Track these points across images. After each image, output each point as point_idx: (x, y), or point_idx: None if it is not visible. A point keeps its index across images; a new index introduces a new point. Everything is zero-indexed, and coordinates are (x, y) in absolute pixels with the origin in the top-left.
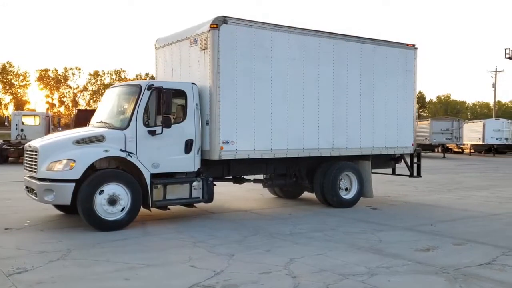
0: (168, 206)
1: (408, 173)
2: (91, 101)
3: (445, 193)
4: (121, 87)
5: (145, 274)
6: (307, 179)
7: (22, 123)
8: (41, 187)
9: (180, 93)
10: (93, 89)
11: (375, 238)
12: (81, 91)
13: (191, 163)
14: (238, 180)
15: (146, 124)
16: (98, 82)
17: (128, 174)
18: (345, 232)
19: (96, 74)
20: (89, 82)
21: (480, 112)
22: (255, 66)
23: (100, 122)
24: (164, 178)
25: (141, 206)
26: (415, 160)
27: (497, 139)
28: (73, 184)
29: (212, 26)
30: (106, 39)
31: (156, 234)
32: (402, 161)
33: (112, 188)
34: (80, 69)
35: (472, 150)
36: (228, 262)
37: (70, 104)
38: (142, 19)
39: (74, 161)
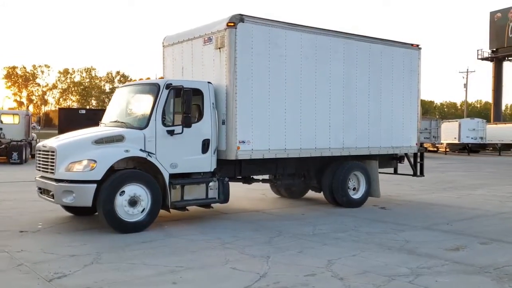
0: (186, 207)
1: (407, 172)
2: (61, 99)
3: (441, 192)
4: (136, 86)
5: (190, 277)
6: (315, 178)
7: (1, 122)
8: (60, 188)
9: (196, 92)
10: (63, 87)
11: (400, 238)
12: (50, 89)
13: (207, 163)
14: (248, 180)
15: (165, 124)
16: (68, 80)
17: (148, 174)
18: (368, 232)
19: (65, 72)
20: (59, 80)
21: (447, 112)
22: (270, 65)
23: (116, 121)
24: (181, 179)
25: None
26: (418, 159)
27: (472, 138)
28: (95, 185)
29: (229, 24)
30: (76, 36)
31: (178, 235)
32: (402, 160)
33: (132, 189)
34: (49, 66)
35: (447, 149)
36: (267, 264)
37: (39, 103)
38: (112, 16)
39: (95, 161)
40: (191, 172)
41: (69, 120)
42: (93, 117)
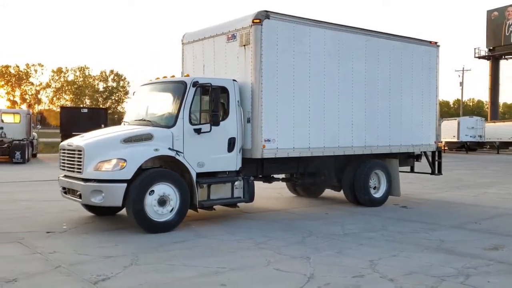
0: (213, 207)
1: (422, 170)
2: (54, 98)
3: (455, 190)
4: (162, 84)
5: (236, 279)
6: (335, 177)
7: (2, 121)
8: (88, 188)
9: (222, 90)
10: (57, 86)
11: (433, 237)
12: (44, 88)
13: (233, 162)
14: (268, 179)
15: (191, 122)
16: (62, 79)
17: (176, 173)
18: (398, 232)
19: (59, 71)
20: (52, 79)
21: (440, 110)
22: (294, 62)
23: (141, 120)
24: (207, 178)
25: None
26: (436, 157)
27: (471, 136)
28: (125, 185)
29: (255, 21)
30: (69, 34)
31: (208, 235)
32: (420, 159)
33: (162, 188)
34: (42, 65)
35: (445, 148)
36: (310, 265)
37: (33, 102)
38: (106, 14)
39: (125, 160)
40: (217, 171)
41: (71, 118)
42: (95, 116)
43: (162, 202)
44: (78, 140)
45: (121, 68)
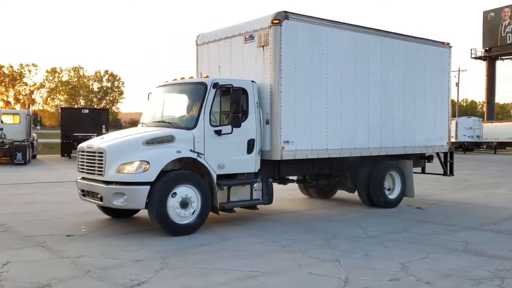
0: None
1: (429, 171)
2: (49, 99)
3: (464, 191)
4: (180, 86)
5: (273, 283)
6: (350, 179)
7: (2, 121)
8: (110, 190)
9: (241, 91)
10: (51, 87)
11: (457, 239)
12: (38, 89)
13: (252, 163)
14: (283, 180)
15: (211, 124)
16: (56, 80)
17: (198, 175)
18: (420, 234)
19: (53, 71)
20: (46, 79)
21: None
22: (312, 63)
23: (160, 122)
24: (226, 179)
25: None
26: (448, 158)
27: (469, 137)
28: (148, 187)
29: (274, 21)
30: (63, 35)
31: (231, 238)
32: (432, 159)
33: (184, 191)
34: (36, 66)
35: None
36: (342, 268)
37: (26, 102)
38: (100, 14)
39: (148, 162)
40: (236, 173)
41: (72, 119)
42: (97, 117)
43: (184, 204)
44: (98, 142)
45: (118, 68)
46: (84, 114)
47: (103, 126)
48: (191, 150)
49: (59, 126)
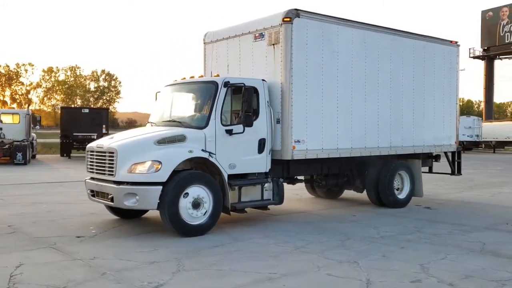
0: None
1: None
2: (45, 98)
3: (470, 190)
4: (190, 84)
5: (293, 286)
6: (358, 178)
7: (1, 121)
8: (121, 191)
9: (253, 90)
10: (47, 86)
11: (473, 239)
12: (34, 88)
13: (263, 163)
14: (292, 180)
15: (222, 123)
16: (52, 79)
17: (209, 175)
18: (434, 234)
19: (50, 70)
20: (43, 78)
21: None
22: (323, 62)
23: (169, 121)
24: (237, 180)
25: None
26: (456, 158)
27: (468, 136)
28: (160, 187)
29: (285, 19)
30: (60, 34)
31: (245, 239)
32: (439, 159)
33: (196, 191)
34: (33, 65)
35: None
36: (361, 270)
37: (23, 102)
38: (99, 14)
39: (160, 162)
40: (247, 173)
41: (72, 119)
42: (97, 117)
43: (196, 205)
44: (109, 142)
45: (116, 68)
46: (84, 114)
47: (103, 126)
48: (202, 150)
49: (56, 125)
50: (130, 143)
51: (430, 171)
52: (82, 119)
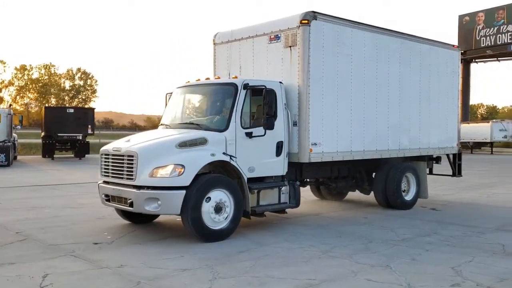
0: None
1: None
2: (18, 97)
3: (465, 191)
4: (208, 86)
5: None
6: (367, 181)
7: None
8: (142, 195)
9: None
10: (20, 84)
11: (490, 241)
12: (6, 87)
13: (280, 166)
14: (303, 183)
15: (242, 126)
16: (26, 77)
17: (230, 179)
18: (451, 236)
19: (23, 68)
20: (15, 76)
21: None
22: (338, 64)
23: (187, 123)
24: (256, 183)
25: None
26: (457, 159)
27: None
28: (184, 192)
29: (303, 22)
30: (33, 32)
31: (269, 244)
32: (440, 161)
33: (217, 195)
34: (5, 63)
35: None
36: (397, 274)
37: None
38: (70, 11)
39: (183, 166)
40: (265, 176)
41: (56, 119)
42: (82, 116)
43: (218, 209)
44: (127, 145)
45: (88, 66)
46: (69, 114)
47: (89, 127)
48: (224, 153)
49: (29, 125)
50: (151, 146)
51: (431, 172)
52: (66, 119)
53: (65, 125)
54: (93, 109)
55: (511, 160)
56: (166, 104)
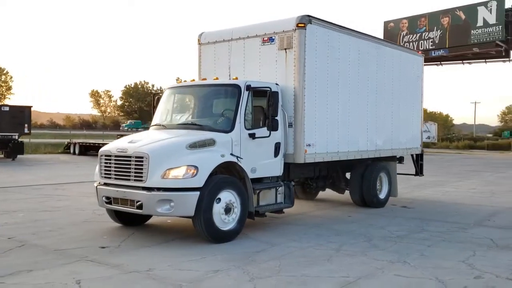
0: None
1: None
2: None
3: (421, 189)
4: (208, 87)
5: None
6: (343, 180)
7: None
8: (154, 197)
9: (266, 94)
10: None
11: (478, 236)
12: None
13: (278, 167)
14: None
15: (245, 127)
16: None
17: (238, 180)
18: (439, 232)
19: None
20: None
21: None
22: (328, 68)
23: (188, 124)
24: (256, 183)
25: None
26: (419, 159)
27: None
28: (198, 193)
29: (299, 25)
30: None
31: (277, 243)
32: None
33: (227, 196)
34: None
35: None
36: (419, 268)
37: None
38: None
39: (196, 167)
40: (264, 176)
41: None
42: (19, 115)
43: (228, 210)
44: (133, 146)
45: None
46: (4, 112)
47: (25, 126)
48: (231, 154)
49: None
50: (161, 147)
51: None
52: (1, 118)
53: (0, 124)
54: (30, 107)
55: (441, 160)
56: (154, 105)
